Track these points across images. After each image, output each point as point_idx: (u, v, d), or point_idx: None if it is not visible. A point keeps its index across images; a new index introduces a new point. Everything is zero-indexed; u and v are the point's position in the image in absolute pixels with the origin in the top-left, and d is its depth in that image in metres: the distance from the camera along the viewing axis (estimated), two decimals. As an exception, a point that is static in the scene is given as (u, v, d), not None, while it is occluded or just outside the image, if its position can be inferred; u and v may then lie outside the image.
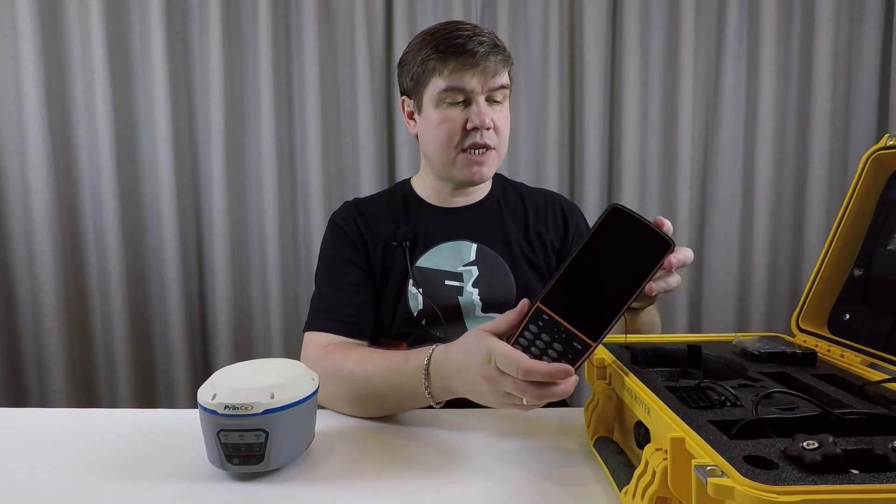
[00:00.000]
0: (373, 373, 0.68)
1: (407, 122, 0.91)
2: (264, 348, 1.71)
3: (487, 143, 0.82)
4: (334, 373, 0.71)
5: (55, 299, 1.53)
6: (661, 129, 1.71)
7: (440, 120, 0.82)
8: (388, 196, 0.95)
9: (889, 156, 0.62)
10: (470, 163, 0.83)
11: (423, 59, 0.81)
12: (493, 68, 0.79)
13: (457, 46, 0.78)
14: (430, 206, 0.92)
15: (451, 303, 0.85)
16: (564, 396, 0.52)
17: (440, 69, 0.79)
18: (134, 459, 0.57)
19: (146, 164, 1.62)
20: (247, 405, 0.51)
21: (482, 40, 0.79)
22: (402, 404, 0.69)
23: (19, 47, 1.48)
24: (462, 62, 0.78)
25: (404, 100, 0.89)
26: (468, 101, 0.81)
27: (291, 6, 1.64)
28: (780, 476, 0.33)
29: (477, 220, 0.91)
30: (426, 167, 0.92)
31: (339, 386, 0.70)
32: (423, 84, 0.83)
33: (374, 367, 0.68)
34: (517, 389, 0.51)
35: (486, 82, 0.80)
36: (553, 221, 0.94)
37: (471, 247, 0.88)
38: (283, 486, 0.53)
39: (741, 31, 1.68)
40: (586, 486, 0.52)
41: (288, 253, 1.71)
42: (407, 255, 0.86)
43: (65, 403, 1.54)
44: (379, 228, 0.88)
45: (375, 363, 0.69)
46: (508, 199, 0.95)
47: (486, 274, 0.87)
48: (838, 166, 1.69)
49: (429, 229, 0.89)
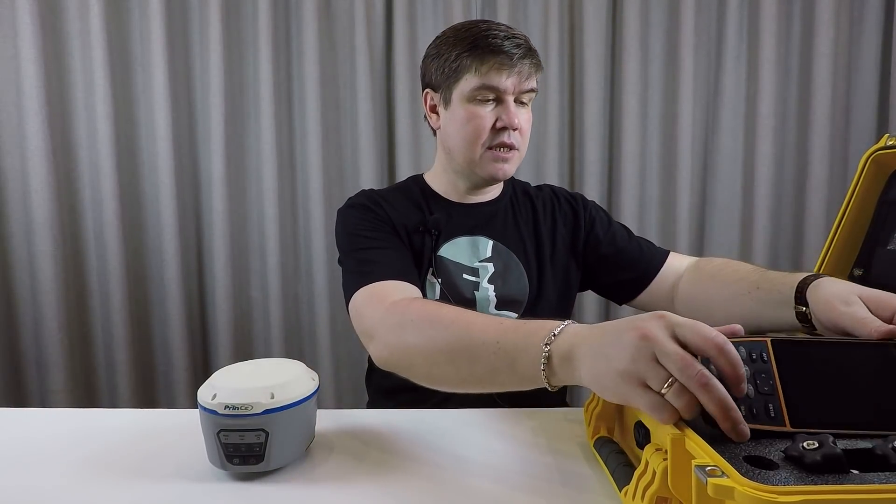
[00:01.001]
0: (473, 328, 0.57)
1: (429, 114, 0.91)
2: (264, 348, 1.71)
3: (513, 143, 0.83)
4: (427, 319, 0.61)
5: (55, 299, 1.53)
6: (661, 129, 1.71)
7: (470, 116, 0.82)
8: (403, 188, 0.95)
9: (889, 156, 0.62)
10: (496, 160, 0.83)
11: (458, 54, 0.81)
12: (528, 71, 0.81)
13: (494, 46, 0.79)
14: (447, 200, 0.92)
15: (468, 297, 0.85)
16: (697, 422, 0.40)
17: (476, 66, 0.80)
18: (134, 459, 0.57)
19: (146, 164, 1.62)
20: (247, 405, 0.51)
21: (518, 42, 0.80)
22: (498, 375, 0.55)
23: (19, 47, 1.48)
24: (499, 62, 0.79)
25: (428, 92, 0.89)
26: (499, 100, 0.82)
27: (291, 6, 1.64)
28: (780, 476, 0.33)
29: (493, 218, 0.91)
30: (445, 162, 0.91)
31: (431, 336, 0.60)
32: (454, 79, 0.83)
33: (480, 319, 0.58)
34: (681, 366, 0.39)
35: (520, 84, 0.81)
36: (561, 215, 0.94)
37: (487, 243, 0.89)
38: (283, 486, 0.52)
39: (741, 31, 1.68)
40: (586, 486, 0.52)
41: (288, 253, 1.71)
42: (433, 243, 0.86)
43: (65, 403, 1.54)
44: (403, 212, 0.87)
45: (475, 319, 0.59)
46: (519, 198, 0.95)
47: (502, 271, 0.87)
48: (838, 166, 1.69)
49: (449, 222, 0.89)
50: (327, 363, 1.71)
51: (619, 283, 0.92)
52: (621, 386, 0.43)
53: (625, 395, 0.44)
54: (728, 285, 0.75)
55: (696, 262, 0.87)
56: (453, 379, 0.59)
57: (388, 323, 0.66)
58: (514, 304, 0.87)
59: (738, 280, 0.74)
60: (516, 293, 0.87)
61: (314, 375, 0.59)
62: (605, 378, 0.45)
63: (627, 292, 0.91)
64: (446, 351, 0.58)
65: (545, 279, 0.89)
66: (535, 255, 0.90)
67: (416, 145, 1.68)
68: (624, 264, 0.91)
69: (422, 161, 1.68)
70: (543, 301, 0.88)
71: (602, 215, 0.96)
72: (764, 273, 0.71)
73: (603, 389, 0.46)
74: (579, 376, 0.48)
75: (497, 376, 0.55)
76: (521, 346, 0.52)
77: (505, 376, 0.54)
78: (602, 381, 0.45)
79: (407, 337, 0.62)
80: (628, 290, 0.91)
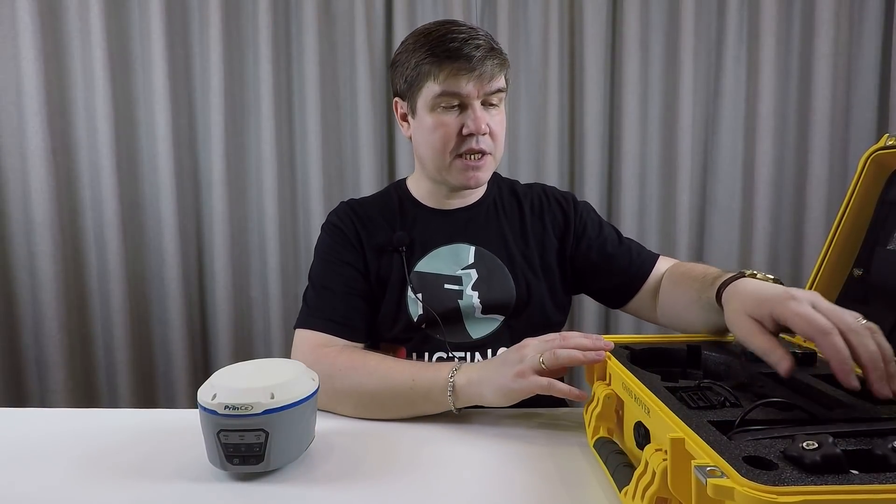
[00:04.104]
0: (392, 372, 0.70)
1: (400, 123, 0.89)
2: (264, 348, 1.71)
3: (483, 148, 0.80)
4: (352, 368, 0.72)
5: (55, 299, 1.53)
6: (661, 129, 1.71)
7: (435, 125, 0.80)
8: (383, 198, 0.94)
9: (889, 156, 0.62)
10: (466, 168, 0.82)
11: (418, 61, 0.79)
12: (490, 73, 0.78)
13: (452, 51, 0.76)
14: (427, 208, 0.90)
15: (451, 306, 0.84)
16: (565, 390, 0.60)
17: (435, 73, 0.77)
18: (134, 459, 0.57)
19: (146, 164, 1.62)
20: (247, 405, 0.51)
21: (478, 44, 0.77)
22: (415, 405, 0.69)
23: (19, 47, 1.48)
24: (457, 67, 0.76)
25: (397, 101, 0.88)
26: (463, 105, 0.79)
27: (291, 6, 1.64)
28: (780, 476, 0.33)
29: (474, 222, 0.89)
30: (421, 170, 0.90)
31: (350, 387, 0.71)
32: (416, 87, 0.81)
33: (398, 364, 0.72)
34: (544, 341, 0.63)
35: (482, 87, 0.78)
36: (550, 217, 0.91)
37: (469, 249, 0.87)
38: (283, 486, 0.53)
39: (741, 31, 1.68)
40: (586, 486, 0.52)
41: (288, 253, 1.71)
42: (404, 261, 0.85)
43: (65, 403, 1.54)
44: (375, 232, 0.87)
45: (393, 365, 0.72)
46: (504, 199, 0.93)
47: (486, 276, 0.86)
48: (838, 166, 1.68)
49: (426, 233, 0.87)
50: (327, 363, 1.70)
51: (608, 289, 0.90)
52: (519, 381, 0.62)
53: (525, 387, 0.62)
54: (685, 293, 0.74)
55: (669, 269, 0.85)
56: (379, 413, 0.70)
57: (317, 371, 0.67)
58: (500, 309, 0.86)
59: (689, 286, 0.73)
60: (502, 298, 0.85)
61: (314, 375, 0.59)
62: (504, 385, 0.63)
63: (618, 298, 0.89)
64: (371, 393, 0.70)
65: (532, 282, 0.87)
66: (521, 258, 0.88)
67: (415, 145, 1.68)
68: (614, 270, 0.88)
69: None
70: (532, 304, 0.86)
71: (594, 218, 0.93)
72: (703, 280, 0.69)
73: (507, 394, 0.63)
74: (481, 394, 0.64)
75: (415, 406, 0.69)
76: (431, 380, 0.67)
77: (421, 405, 0.69)
78: (503, 389, 0.63)
79: (335, 384, 0.70)
80: (618, 296, 0.89)
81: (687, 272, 0.77)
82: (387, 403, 0.69)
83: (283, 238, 1.69)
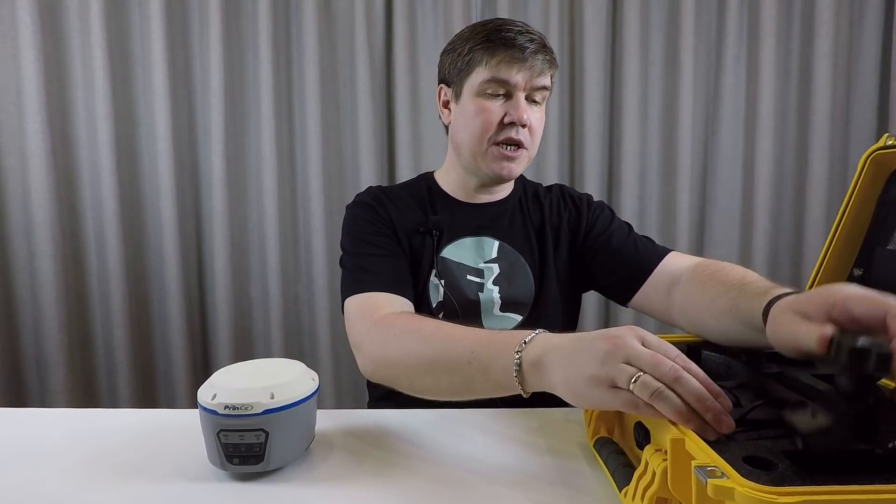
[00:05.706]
0: (451, 340, 0.60)
1: (441, 110, 0.90)
2: (264, 348, 1.72)
3: (521, 140, 0.81)
4: (408, 333, 0.64)
5: (55, 299, 1.53)
6: (661, 129, 1.71)
7: (478, 110, 0.81)
8: (411, 186, 0.95)
9: (889, 155, 0.62)
10: (501, 157, 0.82)
11: (471, 47, 0.81)
12: (540, 67, 0.79)
13: (507, 40, 0.78)
14: (454, 199, 0.91)
15: (472, 298, 0.84)
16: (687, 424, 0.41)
17: (487, 59, 0.79)
18: (134, 459, 0.57)
19: (146, 164, 1.62)
20: (247, 405, 0.51)
21: (532, 38, 0.79)
22: (472, 385, 0.58)
23: (19, 47, 1.48)
24: (510, 55, 0.78)
25: (442, 87, 0.89)
26: (508, 94, 0.80)
27: (291, 6, 1.64)
28: (780, 476, 0.33)
29: (500, 217, 0.90)
30: (454, 159, 0.91)
31: (411, 349, 0.63)
32: (466, 73, 0.82)
33: (458, 331, 0.61)
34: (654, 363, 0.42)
35: (531, 80, 0.79)
36: (567, 216, 0.93)
37: (493, 244, 0.88)
38: (283, 486, 0.52)
39: (741, 31, 1.68)
40: (586, 486, 0.52)
41: (288, 253, 1.71)
42: (434, 245, 0.85)
43: (65, 403, 1.54)
44: (406, 213, 0.87)
45: (453, 332, 0.61)
46: (528, 199, 0.94)
47: (507, 272, 0.86)
48: (838, 166, 1.68)
49: (453, 222, 0.88)
50: (327, 363, 1.71)
51: (613, 283, 0.89)
52: (593, 389, 0.45)
53: (597, 399, 0.45)
54: (714, 300, 0.65)
55: (693, 267, 0.76)
56: (433, 389, 0.62)
57: (373, 337, 0.67)
58: (519, 306, 0.86)
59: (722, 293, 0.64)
60: (521, 294, 0.86)
61: (314, 375, 0.59)
62: (576, 383, 0.46)
63: (622, 293, 0.87)
64: (425, 363, 0.61)
65: (549, 280, 0.88)
66: (539, 256, 0.89)
67: (415, 145, 1.68)
68: (618, 264, 0.87)
69: (422, 161, 1.68)
70: (549, 302, 0.87)
71: (606, 214, 0.94)
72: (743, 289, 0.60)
73: (574, 395, 0.48)
74: (550, 382, 0.50)
75: (473, 385, 0.57)
76: (493, 355, 0.55)
77: (480, 385, 0.56)
78: (573, 387, 0.47)
79: (389, 351, 0.64)
80: (622, 290, 0.87)
81: (718, 275, 0.68)
82: (441, 380, 0.60)
83: (283, 238, 1.69)
